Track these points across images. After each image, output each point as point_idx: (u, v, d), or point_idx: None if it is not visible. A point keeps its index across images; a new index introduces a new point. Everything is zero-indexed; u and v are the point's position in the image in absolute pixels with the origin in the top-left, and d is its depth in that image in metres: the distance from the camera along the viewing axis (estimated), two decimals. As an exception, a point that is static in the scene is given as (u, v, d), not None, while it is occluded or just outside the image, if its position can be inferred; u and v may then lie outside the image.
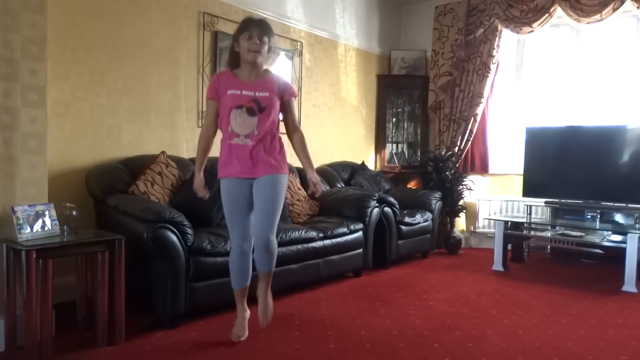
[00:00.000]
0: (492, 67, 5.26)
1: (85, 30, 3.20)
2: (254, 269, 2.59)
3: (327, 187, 4.56)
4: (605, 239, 4.16)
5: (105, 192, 3.03)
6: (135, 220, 2.71)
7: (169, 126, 3.72)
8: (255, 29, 2.40)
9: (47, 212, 2.43)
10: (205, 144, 2.55)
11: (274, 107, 2.47)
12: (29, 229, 2.34)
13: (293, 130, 2.61)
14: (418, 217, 4.63)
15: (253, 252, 2.54)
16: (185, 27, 3.79)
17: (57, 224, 2.47)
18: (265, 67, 2.53)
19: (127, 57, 3.43)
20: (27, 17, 2.43)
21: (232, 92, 2.43)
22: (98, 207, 3.10)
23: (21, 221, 2.32)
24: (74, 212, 2.53)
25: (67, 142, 3.15)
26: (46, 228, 2.41)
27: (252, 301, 2.70)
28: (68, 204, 2.54)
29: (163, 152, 3.38)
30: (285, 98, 2.53)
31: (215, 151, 2.60)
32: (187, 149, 3.83)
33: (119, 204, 2.88)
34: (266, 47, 2.45)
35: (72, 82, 3.16)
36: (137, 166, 3.24)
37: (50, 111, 2.80)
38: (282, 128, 2.61)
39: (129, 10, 3.43)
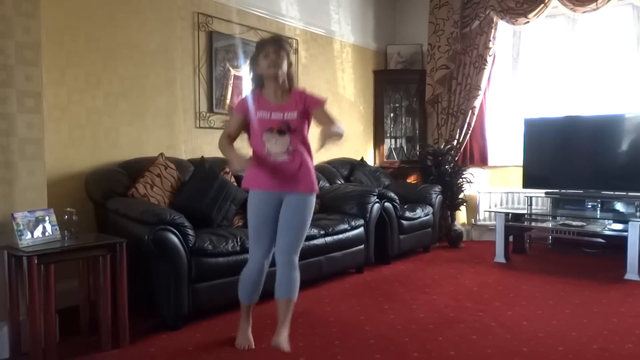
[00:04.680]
0: (489, 59, 5.25)
1: (79, 33, 3.19)
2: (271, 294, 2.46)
3: (327, 184, 4.56)
4: (606, 228, 4.16)
5: (104, 196, 3.02)
6: (136, 223, 2.70)
7: (167, 128, 3.71)
8: (271, 45, 2.40)
9: (47, 218, 2.43)
10: (228, 141, 2.45)
11: (303, 126, 2.45)
12: (29, 235, 2.34)
13: (334, 124, 2.38)
14: (419, 212, 4.63)
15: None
16: (179, 27, 3.77)
17: (58, 229, 2.46)
18: (287, 84, 2.46)
19: (122, 59, 3.42)
20: (21, 22, 2.42)
21: (262, 115, 2.39)
22: (98, 211, 3.09)
23: (21, 227, 2.32)
24: (74, 217, 2.52)
25: (64, 147, 3.14)
26: (47, 233, 2.41)
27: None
28: (68, 209, 2.53)
29: (161, 154, 3.37)
30: (311, 110, 2.44)
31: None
32: (186, 150, 3.82)
33: (119, 207, 2.87)
34: (285, 62, 2.42)
35: (68, 86, 3.14)
36: (135, 169, 3.23)
37: (47, 116, 2.79)
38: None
39: (122, 12, 3.42)
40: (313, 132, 2.44)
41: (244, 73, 4.20)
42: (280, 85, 2.43)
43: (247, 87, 4.20)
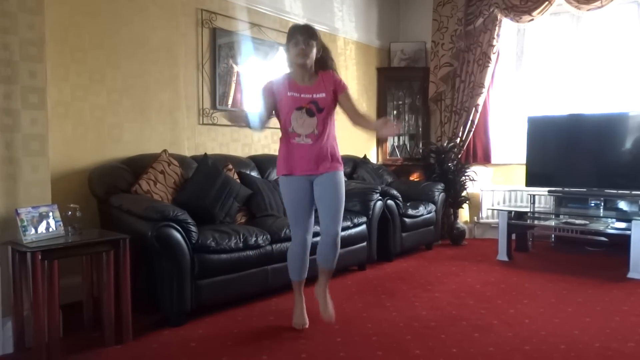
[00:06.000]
0: (493, 56, 5.24)
1: (83, 29, 3.19)
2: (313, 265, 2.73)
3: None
4: (609, 227, 4.15)
5: (108, 192, 3.03)
6: (139, 220, 2.71)
7: (170, 124, 3.72)
8: (300, 34, 2.51)
9: (50, 214, 2.44)
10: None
11: (331, 106, 2.60)
12: (33, 231, 2.35)
13: (356, 115, 2.64)
14: (421, 209, 4.62)
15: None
16: (183, 24, 3.77)
17: (61, 224, 2.47)
18: (315, 67, 2.59)
19: (125, 56, 3.42)
20: (25, 18, 2.42)
21: (292, 94, 2.54)
22: (101, 207, 3.10)
23: (25, 223, 2.32)
24: (77, 213, 2.53)
25: (68, 143, 3.14)
26: (50, 229, 2.42)
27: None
28: (71, 205, 2.55)
29: (165, 151, 3.38)
30: (339, 92, 2.60)
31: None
32: (189, 147, 3.83)
33: (122, 203, 2.88)
34: (314, 50, 2.54)
35: (72, 83, 3.15)
36: (139, 165, 3.24)
37: (51, 112, 2.79)
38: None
39: (125, 8, 3.42)
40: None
41: (247, 70, 4.21)
42: (307, 71, 2.56)
43: (249, 85, 4.22)
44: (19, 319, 2.39)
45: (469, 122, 5.37)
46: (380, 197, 4.13)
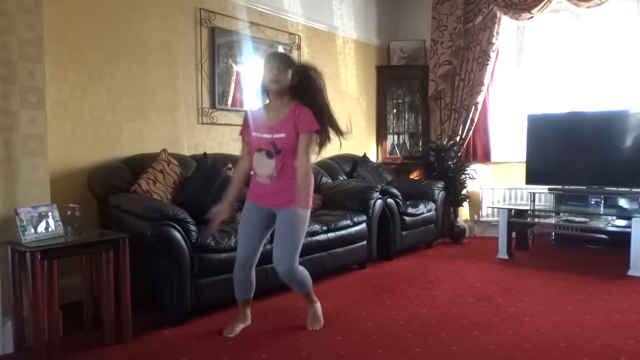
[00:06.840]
0: (492, 54, 5.23)
1: (81, 29, 3.19)
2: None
3: (329, 180, 4.55)
4: (609, 224, 4.15)
5: (107, 192, 3.03)
6: (139, 219, 2.71)
7: (169, 124, 3.72)
8: (275, 61, 2.46)
9: (50, 213, 2.44)
10: (239, 175, 2.64)
11: (292, 147, 2.47)
12: (32, 230, 2.35)
13: (299, 159, 2.47)
14: (421, 208, 4.62)
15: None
16: (181, 23, 3.77)
17: (61, 224, 2.47)
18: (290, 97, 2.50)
19: (124, 55, 3.42)
20: (23, 18, 2.42)
21: (255, 135, 2.52)
22: (101, 207, 3.10)
23: (25, 223, 2.32)
24: (77, 213, 2.53)
25: (67, 143, 3.14)
26: (50, 229, 2.42)
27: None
28: (71, 205, 2.55)
29: (164, 150, 3.38)
30: (300, 132, 2.47)
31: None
32: (188, 146, 3.82)
33: (121, 203, 2.88)
34: (288, 78, 2.45)
35: (71, 82, 3.15)
36: (138, 165, 3.24)
37: (50, 112, 2.80)
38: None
39: (124, 8, 3.41)
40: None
41: (246, 69, 4.20)
42: (281, 98, 2.49)
43: (249, 84, 4.22)
44: (19, 319, 2.39)
45: (469, 120, 5.37)
46: (380, 196, 4.13)
